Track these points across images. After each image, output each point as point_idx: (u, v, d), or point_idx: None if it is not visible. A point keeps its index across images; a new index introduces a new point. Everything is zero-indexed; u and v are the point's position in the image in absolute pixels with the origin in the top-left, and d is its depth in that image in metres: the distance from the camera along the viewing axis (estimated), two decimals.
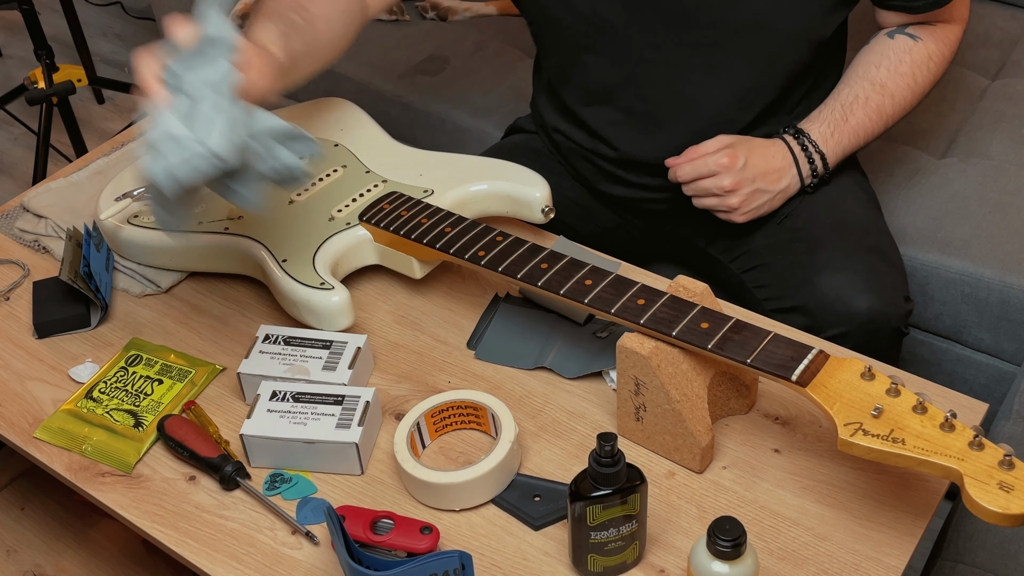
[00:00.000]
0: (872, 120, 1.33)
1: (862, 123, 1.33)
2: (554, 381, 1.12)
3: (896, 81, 1.33)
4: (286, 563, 0.97)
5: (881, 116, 1.34)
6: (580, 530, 0.90)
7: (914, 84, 1.34)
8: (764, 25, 1.25)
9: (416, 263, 1.19)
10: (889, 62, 1.33)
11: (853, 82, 1.34)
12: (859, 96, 1.33)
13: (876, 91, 1.33)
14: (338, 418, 1.03)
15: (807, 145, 1.32)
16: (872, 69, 1.33)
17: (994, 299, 1.51)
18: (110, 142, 1.51)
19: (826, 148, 1.32)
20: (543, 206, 1.22)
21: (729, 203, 1.30)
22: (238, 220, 1.23)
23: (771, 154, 1.31)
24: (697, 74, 1.30)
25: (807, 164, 1.32)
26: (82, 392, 1.14)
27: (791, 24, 1.26)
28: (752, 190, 1.29)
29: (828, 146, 1.32)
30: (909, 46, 1.33)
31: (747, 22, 1.25)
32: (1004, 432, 1.30)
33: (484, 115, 1.88)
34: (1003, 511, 0.80)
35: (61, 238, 1.33)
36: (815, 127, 1.32)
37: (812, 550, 0.95)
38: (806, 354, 0.93)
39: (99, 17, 3.17)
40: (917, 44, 1.33)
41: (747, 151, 1.29)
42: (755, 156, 1.29)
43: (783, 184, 1.32)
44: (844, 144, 1.33)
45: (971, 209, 1.57)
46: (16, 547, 1.36)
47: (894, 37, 1.34)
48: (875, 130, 1.35)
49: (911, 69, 1.33)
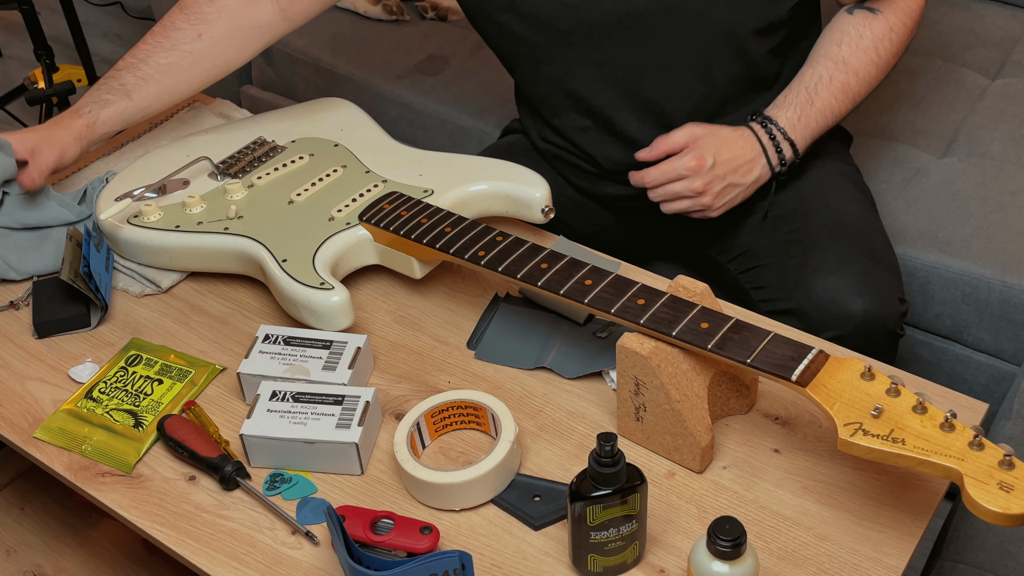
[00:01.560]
0: (838, 100, 1.31)
1: (828, 104, 1.31)
2: (554, 381, 1.12)
3: (859, 57, 1.30)
4: (286, 563, 0.97)
5: (847, 94, 1.31)
6: (580, 530, 0.90)
7: (877, 59, 1.31)
8: (704, 17, 1.25)
9: (416, 263, 1.19)
10: (850, 38, 1.30)
11: (816, 62, 1.31)
12: (823, 76, 1.30)
13: (840, 69, 1.30)
14: (338, 418, 1.03)
15: (775, 134, 1.30)
16: (834, 47, 1.31)
17: (994, 299, 1.51)
18: (110, 142, 1.51)
19: (794, 134, 1.30)
20: (543, 206, 1.22)
21: (702, 202, 1.29)
22: (238, 220, 1.23)
23: (739, 147, 1.29)
24: (650, 74, 1.30)
25: (775, 153, 1.31)
26: (82, 392, 1.14)
27: (732, 14, 1.26)
28: (723, 186, 1.28)
29: (796, 132, 1.30)
30: (868, 20, 1.31)
31: (687, 17, 1.26)
32: (1004, 432, 1.30)
33: (484, 115, 1.88)
34: (1003, 511, 0.80)
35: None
36: (782, 113, 1.30)
37: (812, 550, 0.95)
38: (806, 354, 0.93)
39: (99, 17, 3.17)
40: (877, 17, 1.31)
41: (715, 148, 1.27)
42: (723, 151, 1.28)
43: (754, 176, 1.30)
44: (812, 127, 1.31)
45: (971, 209, 1.57)
46: (16, 547, 1.36)
47: (853, 12, 1.31)
48: (842, 109, 1.32)
49: (872, 43, 1.31)
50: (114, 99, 1.30)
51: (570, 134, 1.39)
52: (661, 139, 1.29)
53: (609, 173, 1.39)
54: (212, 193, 1.28)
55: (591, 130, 1.37)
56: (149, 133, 1.51)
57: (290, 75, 2.12)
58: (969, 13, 1.95)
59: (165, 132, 1.51)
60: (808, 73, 1.31)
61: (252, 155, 1.33)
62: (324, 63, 2.05)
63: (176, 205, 1.27)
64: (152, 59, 1.32)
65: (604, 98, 1.33)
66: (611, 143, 1.36)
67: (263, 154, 1.33)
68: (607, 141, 1.36)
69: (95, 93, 1.31)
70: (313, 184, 1.28)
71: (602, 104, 1.33)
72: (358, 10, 2.10)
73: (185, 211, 1.25)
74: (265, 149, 1.34)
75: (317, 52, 2.06)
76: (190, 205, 1.25)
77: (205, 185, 1.29)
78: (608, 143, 1.36)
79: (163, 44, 1.33)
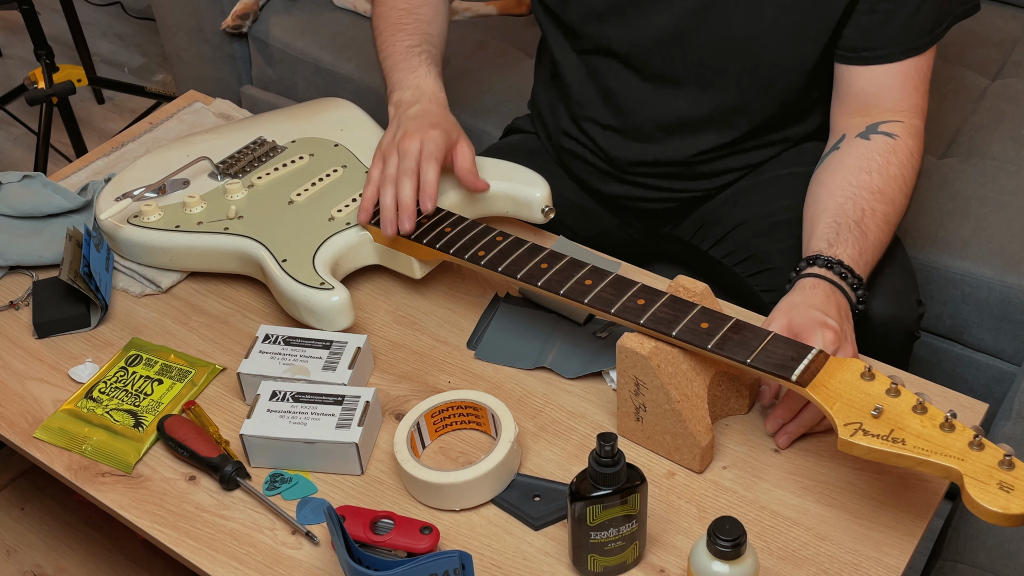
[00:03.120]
0: (883, 232, 1.18)
1: (878, 237, 1.17)
2: (554, 381, 1.12)
3: (890, 185, 1.19)
4: (286, 563, 0.97)
5: (888, 226, 1.19)
6: (580, 530, 0.90)
7: (905, 186, 1.21)
8: (752, 49, 1.25)
9: (416, 263, 1.19)
10: (878, 166, 1.20)
11: (853, 195, 1.18)
12: (866, 209, 1.17)
13: (878, 200, 1.18)
14: (338, 418, 1.03)
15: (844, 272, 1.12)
16: (864, 176, 1.19)
17: (994, 299, 1.51)
18: (110, 142, 1.51)
19: (858, 269, 1.14)
20: (543, 206, 1.22)
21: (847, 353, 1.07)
22: (238, 220, 1.23)
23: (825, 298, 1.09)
24: (689, 89, 1.30)
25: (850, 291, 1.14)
26: (82, 392, 1.14)
27: (778, 51, 1.25)
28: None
29: (859, 267, 1.14)
30: (891, 146, 1.21)
31: (737, 46, 1.25)
32: (1004, 432, 1.30)
33: (484, 115, 1.88)
34: (1003, 511, 0.80)
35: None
36: (841, 251, 1.13)
37: (812, 550, 0.95)
38: (806, 354, 0.93)
39: (99, 17, 3.16)
40: (897, 142, 1.21)
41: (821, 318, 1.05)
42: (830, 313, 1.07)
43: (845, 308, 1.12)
44: (870, 262, 1.16)
45: (971, 209, 1.57)
46: (16, 547, 1.36)
47: (870, 138, 1.22)
48: (886, 242, 1.20)
49: (900, 171, 1.20)
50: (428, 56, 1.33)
51: (590, 130, 1.38)
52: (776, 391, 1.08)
53: (621, 172, 1.39)
54: (212, 193, 1.28)
55: (612, 129, 1.36)
56: (149, 133, 1.51)
57: (290, 75, 2.11)
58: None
59: (165, 132, 1.51)
60: (849, 207, 1.17)
61: (252, 155, 1.33)
62: (324, 63, 2.04)
63: (176, 205, 1.27)
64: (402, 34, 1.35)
65: (636, 101, 1.33)
66: (634, 145, 1.36)
67: (263, 154, 1.33)
68: (630, 144, 1.36)
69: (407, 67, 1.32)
70: (313, 184, 1.27)
71: (634, 107, 1.34)
72: (358, 10, 2.10)
73: (185, 211, 1.25)
74: (265, 149, 1.34)
75: (317, 52, 2.06)
76: (190, 205, 1.25)
77: (205, 185, 1.29)
78: (631, 145, 1.36)
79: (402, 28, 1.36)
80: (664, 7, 1.25)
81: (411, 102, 1.27)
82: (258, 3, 2.13)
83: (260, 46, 2.13)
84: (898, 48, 1.21)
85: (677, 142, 1.34)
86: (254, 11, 2.12)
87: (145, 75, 2.94)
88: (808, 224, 1.20)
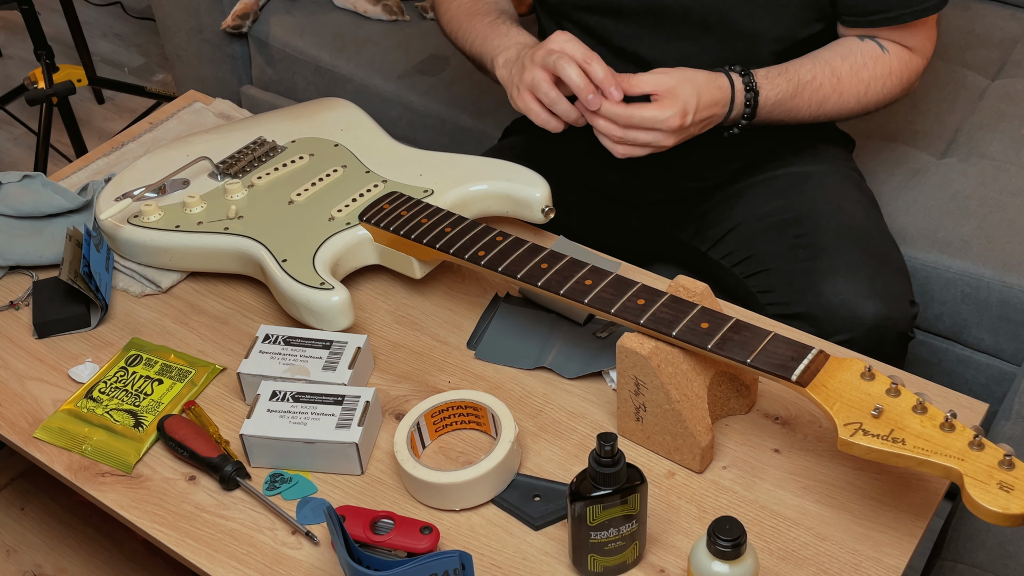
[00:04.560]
0: (810, 108, 1.28)
1: (800, 106, 1.28)
2: (554, 381, 1.12)
3: (851, 81, 1.28)
4: (286, 563, 0.97)
5: (819, 108, 1.29)
6: (580, 530, 0.90)
7: (863, 94, 1.29)
8: (731, 23, 1.25)
9: (416, 263, 1.19)
10: (854, 61, 1.28)
11: (816, 64, 1.28)
12: (814, 79, 1.27)
13: (830, 82, 1.27)
14: (338, 418, 1.03)
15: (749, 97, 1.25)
16: (838, 60, 1.28)
17: (994, 299, 1.51)
18: (110, 142, 1.51)
19: (762, 112, 1.26)
20: (543, 206, 1.22)
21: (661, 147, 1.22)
22: (238, 220, 1.23)
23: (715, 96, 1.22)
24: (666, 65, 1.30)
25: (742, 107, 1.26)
26: (82, 392, 1.14)
27: (762, 25, 1.25)
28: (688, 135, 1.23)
29: (764, 110, 1.26)
30: (876, 55, 1.29)
31: (715, 19, 1.25)
32: (1004, 432, 1.30)
33: (484, 115, 1.88)
34: (1003, 511, 0.80)
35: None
36: (766, 85, 1.25)
37: (812, 550, 0.95)
38: (806, 354, 0.93)
39: (99, 17, 3.16)
40: (883, 56, 1.29)
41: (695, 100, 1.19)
42: (703, 101, 1.21)
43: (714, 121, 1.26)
44: (775, 116, 1.28)
45: (971, 209, 1.57)
46: (16, 547, 1.36)
47: (864, 40, 1.29)
48: (803, 118, 1.30)
49: (869, 77, 1.28)
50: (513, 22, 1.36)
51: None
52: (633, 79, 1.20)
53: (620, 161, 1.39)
54: (212, 193, 1.28)
55: None
56: (149, 133, 1.51)
57: (290, 75, 2.12)
58: (969, 13, 1.95)
59: (165, 132, 1.51)
60: (805, 69, 1.28)
61: (252, 155, 1.33)
62: (324, 63, 2.04)
63: (176, 205, 1.27)
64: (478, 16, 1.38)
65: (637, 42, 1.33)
66: None
67: (263, 154, 1.33)
68: None
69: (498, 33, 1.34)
70: (313, 184, 1.28)
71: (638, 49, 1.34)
72: (358, 10, 2.10)
73: (185, 211, 1.25)
74: (265, 149, 1.34)
75: (317, 52, 2.06)
76: (190, 205, 1.25)
77: (205, 185, 1.29)
78: None
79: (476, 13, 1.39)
80: None
81: (518, 53, 1.27)
82: (258, 3, 2.13)
83: (260, 46, 2.13)
84: (908, 9, 1.25)
85: None
86: (254, 11, 2.12)
87: (145, 75, 2.94)
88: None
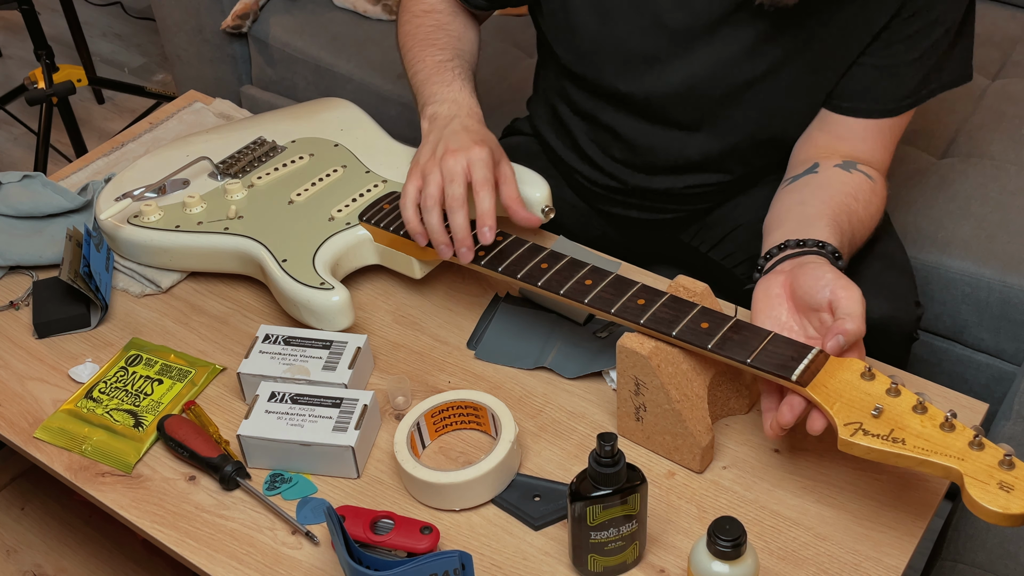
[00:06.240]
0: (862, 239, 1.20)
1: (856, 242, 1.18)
2: (554, 381, 1.12)
3: (870, 223, 1.19)
4: (286, 563, 0.97)
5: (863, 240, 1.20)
6: (580, 530, 0.90)
7: (873, 231, 1.20)
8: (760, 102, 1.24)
9: (416, 263, 1.19)
10: (864, 199, 1.17)
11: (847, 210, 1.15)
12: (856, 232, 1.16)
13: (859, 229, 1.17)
14: (335, 421, 1.03)
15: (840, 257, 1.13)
16: (852, 202, 1.16)
17: (994, 299, 1.51)
18: (110, 142, 1.51)
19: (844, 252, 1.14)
20: (543, 206, 1.22)
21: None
22: (238, 220, 1.23)
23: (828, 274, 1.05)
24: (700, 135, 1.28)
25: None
26: (82, 392, 1.14)
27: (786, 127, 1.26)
28: None
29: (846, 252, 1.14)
30: (872, 187, 1.19)
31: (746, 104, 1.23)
32: (1004, 432, 1.30)
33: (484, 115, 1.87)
34: (1003, 511, 0.80)
35: None
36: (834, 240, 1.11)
37: (812, 550, 0.95)
38: (806, 354, 0.93)
39: (99, 17, 3.16)
40: (876, 187, 1.20)
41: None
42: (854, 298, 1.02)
43: None
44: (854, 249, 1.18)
45: (971, 209, 1.57)
46: (16, 547, 1.36)
47: (851, 172, 1.18)
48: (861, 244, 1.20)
49: (876, 213, 1.20)
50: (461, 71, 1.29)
51: (595, 155, 1.38)
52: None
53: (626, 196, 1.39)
54: (212, 193, 1.28)
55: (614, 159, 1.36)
56: (149, 133, 1.51)
57: (290, 75, 2.11)
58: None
59: (165, 132, 1.51)
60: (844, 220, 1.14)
61: (252, 155, 1.33)
62: (324, 63, 2.04)
63: (176, 205, 1.27)
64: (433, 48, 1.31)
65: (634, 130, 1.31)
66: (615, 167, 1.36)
67: (263, 154, 1.33)
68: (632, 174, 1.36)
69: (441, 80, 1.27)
70: (313, 184, 1.27)
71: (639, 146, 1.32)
72: (358, 10, 2.10)
73: (185, 211, 1.25)
74: (265, 149, 1.34)
75: (317, 52, 2.06)
76: (190, 205, 1.25)
77: (205, 185, 1.29)
78: (613, 165, 1.36)
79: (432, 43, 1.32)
80: (678, 66, 1.22)
81: (449, 116, 1.21)
82: (258, 3, 2.13)
83: (260, 46, 2.13)
84: (877, 106, 1.21)
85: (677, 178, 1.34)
86: (254, 11, 2.12)
87: (145, 75, 2.94)
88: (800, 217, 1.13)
